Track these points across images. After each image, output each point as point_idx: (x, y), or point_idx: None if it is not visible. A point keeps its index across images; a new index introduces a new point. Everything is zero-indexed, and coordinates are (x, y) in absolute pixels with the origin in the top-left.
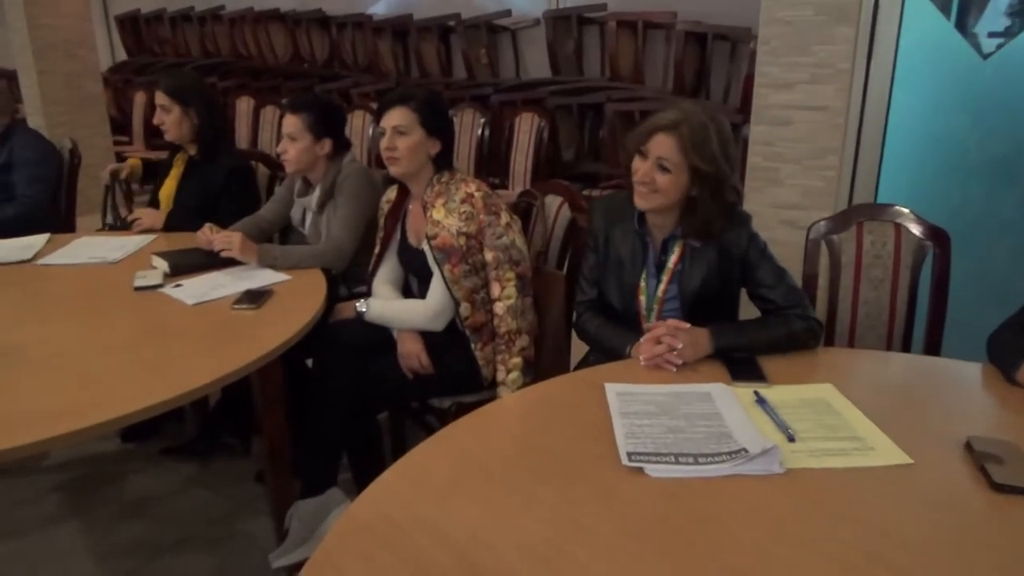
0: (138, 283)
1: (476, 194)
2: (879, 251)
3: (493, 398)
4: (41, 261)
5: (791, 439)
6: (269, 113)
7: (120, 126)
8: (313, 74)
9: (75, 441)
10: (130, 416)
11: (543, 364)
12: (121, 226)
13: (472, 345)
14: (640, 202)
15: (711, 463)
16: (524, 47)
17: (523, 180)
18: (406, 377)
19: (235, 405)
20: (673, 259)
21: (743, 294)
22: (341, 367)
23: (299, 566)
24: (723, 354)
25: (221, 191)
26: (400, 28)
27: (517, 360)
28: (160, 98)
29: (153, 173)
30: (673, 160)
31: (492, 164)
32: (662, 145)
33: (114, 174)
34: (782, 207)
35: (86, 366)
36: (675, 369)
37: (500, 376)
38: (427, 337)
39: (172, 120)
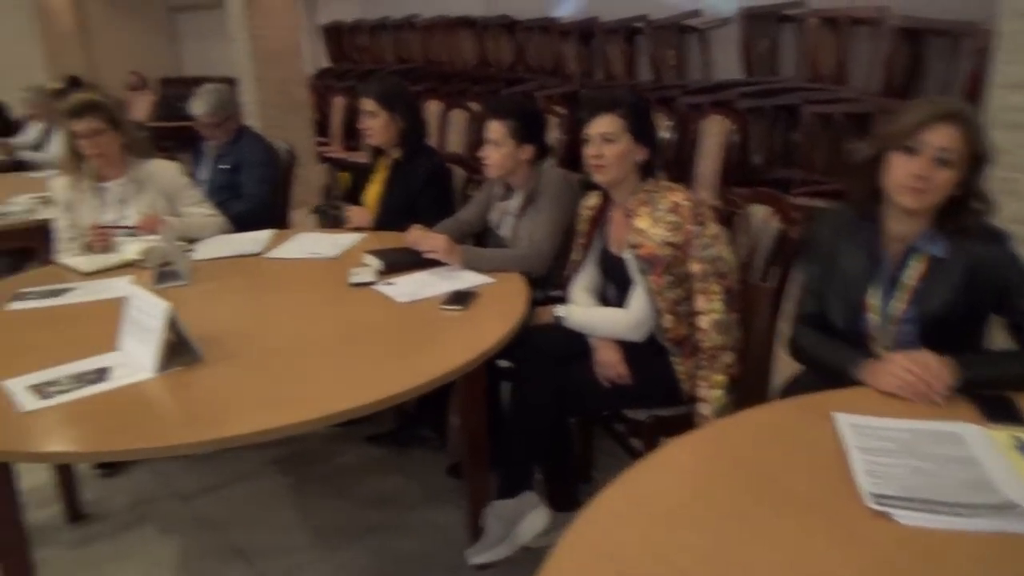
0: (353, 279)
1: (683, 203)
2: None
3: (691, 413)
4: (268, 254)
5: None
6: (457, 116)
7: (321, 128)
8: (499, 78)
9: (295, 432)
10: (350, 411)
11: (745, 382)
12: (335, 223)
13: (672, 358)
14: (910, 201)
15: (975, 516)
16: (713, 47)
17: (709, 185)
18: (602, 386)
19: (432, 400)
20: (913, 274)
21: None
22: (540, 373)
23: (494, 564)
24: (972, 390)
25: (421, 192)
26: (586, 30)
27: (721, 378)
28: (368, 104)
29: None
30: (958, 151)
31: (675, 168)
32: (945, 136)
33: (327, 188)
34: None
35: (308, 358)
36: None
37: (701, 392)
38: (625, 347)
39: (378, 125)
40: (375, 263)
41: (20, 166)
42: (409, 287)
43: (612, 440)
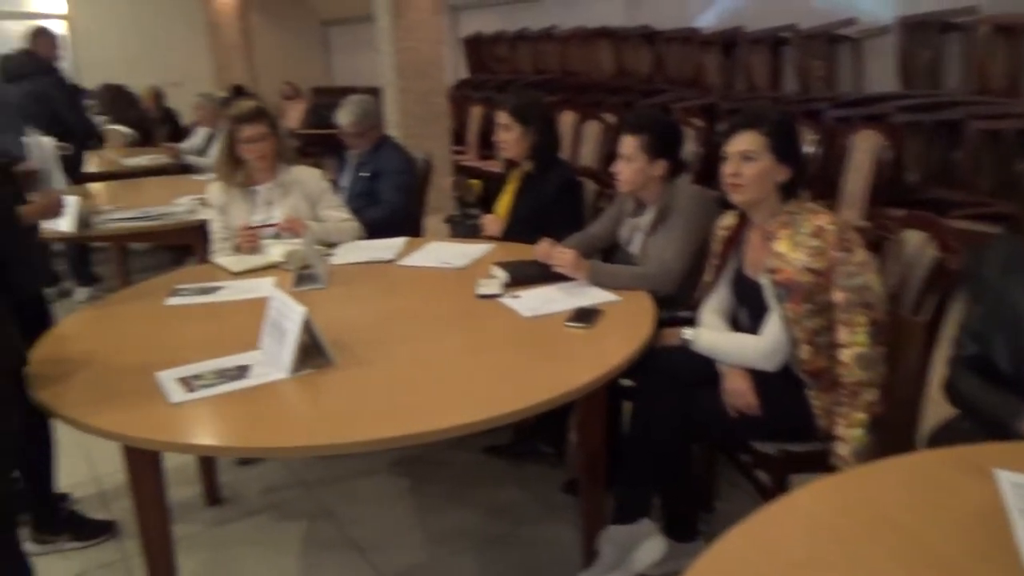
0: (480, 291)
1: (828, 227)
2: None
3: (825, 451)
4: (400, 262)
5: None
6: (591, 127)
7: (458, 137)
8: (635, 89)
9: (416, 442)
10: (472, 425)
11: (889, 423)
12: (469, 232)
13: (808, 391)
14: None
15: None
16: (868, 57)
17: (856, 204)
18: (730, 415)
19: (552, 415)
20: None
21: None
22: (665, 396)
23: None
24: None
25: (552, 204)
26: (728, 41)
27: (862, 416)
28: (503, 117)
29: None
30: None
31: (819, 185)
32: None
33: (460, 199)
34: None
35: (433, 368)
36: None
37: (839, 430)
38: (757, 376)
39: (512, 139)
40: (502, 275)
41: (186, 169)
42: (534, 301)
43: (737, 471)
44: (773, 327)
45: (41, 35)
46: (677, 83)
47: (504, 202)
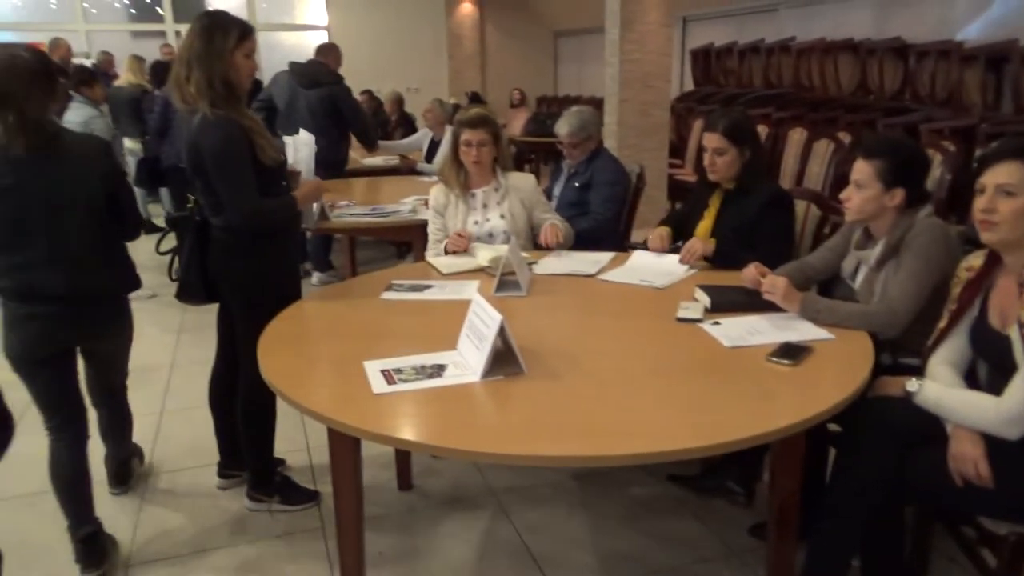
0: (681, 314)
1: None
2: None
3: None
4: (601, 276)
5: None
6: (822, 146)
7: (675, 150)
8: (877, 107)
9: (599, 464)
10: (658, 455)
11: None
12: (671, 250)
13: None
14: None
15: None
16: None
17: None
18: (954, 482)
19: (745, 452)
20: None
21: None
22: (876, 450)
23: None
24: None
25: (756, 220)
26: (998, 55)
27: None
28: (716, 140)
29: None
30: None
31: None
32: None
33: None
34: None
35: (623, 390)
36: None
37: None
38: (992, 443)
39: (726, 162)
40: (704, 299)
41: (415, 171)
42: (737, 330)
43: (958, 545)
44: (1018, 390)
45: (331, 50)
46: (928, 102)
47: (705, 226)
